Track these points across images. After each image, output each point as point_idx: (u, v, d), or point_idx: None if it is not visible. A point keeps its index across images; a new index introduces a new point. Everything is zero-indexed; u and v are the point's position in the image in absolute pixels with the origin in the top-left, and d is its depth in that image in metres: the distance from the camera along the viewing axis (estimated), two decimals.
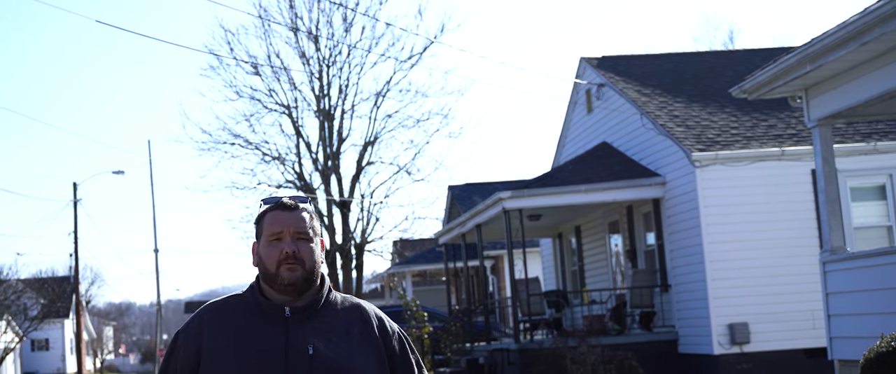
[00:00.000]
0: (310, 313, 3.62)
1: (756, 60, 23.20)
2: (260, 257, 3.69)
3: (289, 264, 3.58)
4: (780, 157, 19.71)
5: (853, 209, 18.68)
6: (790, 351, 19.12)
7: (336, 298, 3.74)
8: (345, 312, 3.70)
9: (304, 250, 3.62)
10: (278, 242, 3.63)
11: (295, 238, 3.62)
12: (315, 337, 3.56)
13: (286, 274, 3.58)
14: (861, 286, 12.63)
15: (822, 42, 12.08)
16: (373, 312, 3.78)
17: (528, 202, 22.02)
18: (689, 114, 21.73)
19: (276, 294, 3.64)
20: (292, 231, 3.62)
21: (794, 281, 19.10)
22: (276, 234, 3.63)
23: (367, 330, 3.67)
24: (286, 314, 3.59)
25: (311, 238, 3.67)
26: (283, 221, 3.65)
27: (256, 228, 3.76)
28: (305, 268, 3.60)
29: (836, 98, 12.89)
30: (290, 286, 3.58)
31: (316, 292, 3.67)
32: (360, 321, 3.70)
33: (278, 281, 3.59)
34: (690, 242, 20.03)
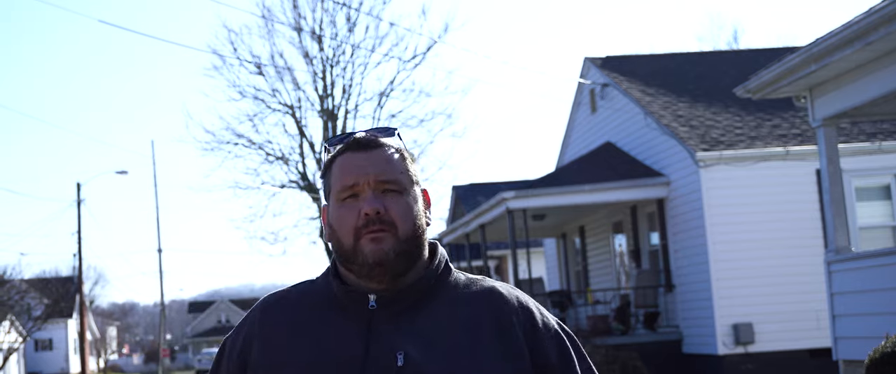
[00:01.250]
0: (408, 303, 2.52)
1: (760, 60, 23.16)
2: (331, 227, 2.57)
3: (372, 231, 2.47)
4: (784, 157, 19.68)
5: (858, 209, 18.64)
6: (795, 351, 19.09)
7: (456, 279, 2.62)
8: (468, 301, 2.56)
9: (396, 208, 2.50)
10: (354, 199, 2.52)
11: (379, 191, 2.51)
12: (412, 340, 2.46)
13: (370, 247, 2.47)
14: (866, 286, 12.60)
15: (827, 42, 12.06)
16: (516, 300, 2.59)
17: (531, 202, 21.99)
18: (694, 114, 21.70)
19: (358, 279, 2.54)
20: (374, 180, 2.51)
21: (798, 281, 19.06)
22: (349, 188, 2.53)
23: (504, 329, 2.51)
24: (370, 305, 2.51)
25: (404, 188, 2.54)
26: (360, 167, 2.53)
27: (324, 184, 2.66)
28: (399, 235, 2.49)
29: (840, 98, 12.86)
30: (378, 266, 2.47)
31: (420, 273, 2.56)
32: (492, 314, 2.53)
33: (359, 259, 2.49)
34: (695, 242, 20.00)
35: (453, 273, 2.63)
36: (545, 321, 2.58)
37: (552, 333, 2.57)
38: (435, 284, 2.57)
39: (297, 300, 2.65)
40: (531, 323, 2.55)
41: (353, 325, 2.51)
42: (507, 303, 2.57)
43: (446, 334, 2.48)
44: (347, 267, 2.56)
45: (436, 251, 2.64)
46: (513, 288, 2.65)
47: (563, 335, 2.59)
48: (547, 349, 2.53)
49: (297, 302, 2.65)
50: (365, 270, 2.49)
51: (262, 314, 2.66)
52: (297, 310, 2.62)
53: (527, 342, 2.51)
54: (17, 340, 53.62)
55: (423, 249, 2.58)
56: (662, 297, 21.68)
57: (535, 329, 2.54)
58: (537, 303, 2.63)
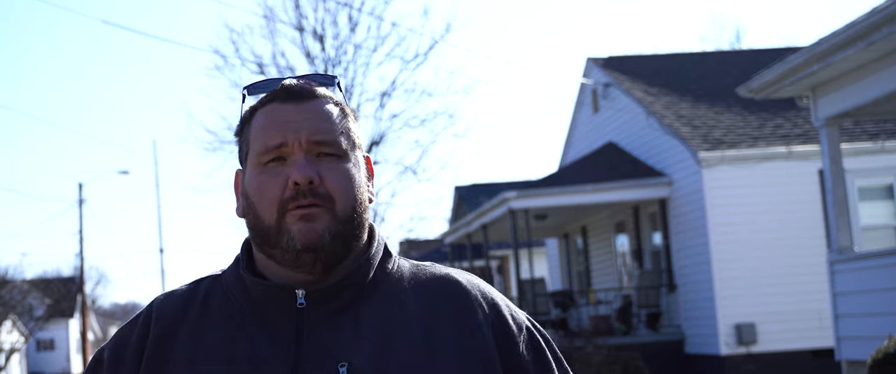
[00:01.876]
0: (348, 298, 2.00)
1: (763, 60, 23.14)
2: (246, 198, 2.02)
3: (302, 206, 1.94)
4: (787, 156, 19.66)
5: (861, 209, 18.63)
6: (797, 352, 19.07)
7: (400, 267, 2.11)
8: (420, 294, 2.05)
9: (334, 177, 1.98)
10: (280, 164, 1.98)
11: (313, 154, 1.98)
12: (357, 347, 1.94)
13: (298, 227, 1.93)
14: (868, 286, 12.59)
15: (830, 41, 12.06)
16: (479, 292, 2.09)
17: (534, 202, 21.98)
18: (696, 113, 21.69)
19: (280, 269, 2.01)
20: (306, 140, 1.97)
21: (801, 281, 19.04)
22: (274, 149, 1.98)
23: (467, 328, 2.01)
24: (298, 303, 1.97)
25: (344, 152, 2.01)
26: (289, 122, 1.99)
27: (239, 143, 2.10)
28: (336, 212, 1.96)
29: (843, 98, 12.85)
30: (307, 252, 1.94)
31: (357, 261, 2.04)
32: (452, 309, 2.03)
33: (283, 241, 1.95)
34: (697, 242, 19.98)
35: (394, 259, 2.12)
36: (515, 317, 2.09)
37: (524, 332, 2.08)
38: (377, 274, 2.06)
39: (200, 304, 2.06)
40: (499, 320, 2.05)
41: (276, 332, 1.97)
42: (468, 295, 2.06)
43: (398, 336, 1.97)
44: (266, 253, 2.01)
45: (373, 235, 2.11)
46: (471, 276, 2.15)
47: (536, 333, 2.11)
48: (520, 353, 2.04)
49: (199, 306, 2.06)
50: (290, 256, 1.95)
51: (153, 324, 2.05)
52: (200, 318, 2.03)
53: (496, 343, 2.01)
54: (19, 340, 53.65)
55: (364, 231, 2.05)
56: (664, 297, 21.67)
57: (506, 328, 2.05)
58: (502, 295, 2.15)
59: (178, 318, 2.05)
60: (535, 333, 2.11)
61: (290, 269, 2.00)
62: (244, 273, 2.05)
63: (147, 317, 2.08)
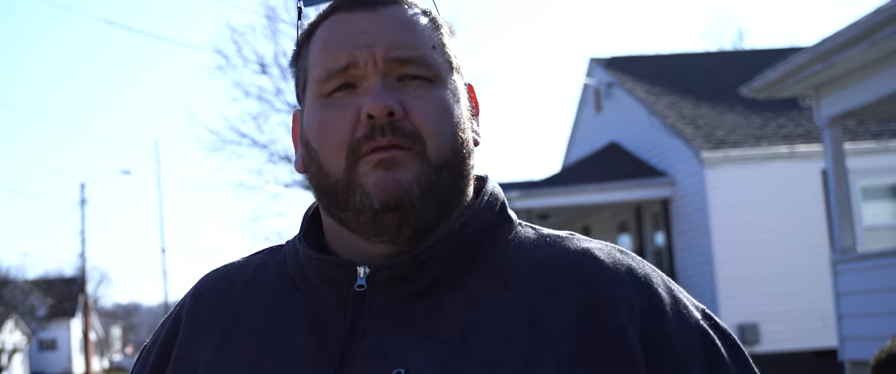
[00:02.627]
0: (427, 279, 1.48)
1: (765, 60, 23.11)
2: (307, 145, 1.55)
3: (381, 148, 1.46)
4: (789, 156, 19.63)
5: (864, 209, 18.59)
6: (800, 352, 19.04)
7: (518, 237, 1.56)
8: (537, 273, 1.49)
9: (425, 107, 1.49)
10: (349, 93, 1.51)
11: (393, 77, 1.50)
12: (418, 344, 1.43)
13: (376, 177, 1.46)
14: (872, 287, 12.56)
15: (833, 41, 12.03)
16: (627, 273, 1.50)
17: (536, 202, 21.96)
18: (698, 113, 21.67)
19: (356, 239, 1.52)
20: (384, 57, 1.49)
21: (804, 281, 19.01)
22: (339, 72, 1.51)
23: (603, 326, 1.42)
24: (357, 285, 1.49)
25: (438, 75, 1.53)
26: (359, 34, 1.51)
27: (295, 77, 1.63)
28: (428, 155, 1.47)
29: (846, 97, 12.82)
30: (389, 212, 1.46)
31: (454, 226, 1.51)
32: (577, 295, 1.45)
33: (356, 198, 1.47)
34: (699, 242, 19.95)
35: (513, 226, 1.57)
36: (682, 312, 1.49)
37: (696, 337, 1.48)
38: (480, 245, 1.52)
39: (246, 281, 1.63)
40: (654, 315, 1.46)
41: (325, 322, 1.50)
42: (612, 279, 1.48)
43: (485, 332, 1.43)
44: (336, 217, 1.54)
45: (483, 190, 1.59)
46: (622, 252, 1.56)
47: (715, 339, 1.50)
48: (685, 363, 1.44)
49: (245, 285, 1.62)
50: (365, 219, 1.47)
51: (193, 301, 1.65)
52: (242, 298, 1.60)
53: (644, 349, 1.42)
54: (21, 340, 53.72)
55: (468, 183, 1.55)
56: None
57: (662, 328, 1.45)
58: (669, 280, 1.56)
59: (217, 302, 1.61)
60: (714, 337, 1.50)
61: (369, 237, 1.50)
62: (300, 244, 1.59)
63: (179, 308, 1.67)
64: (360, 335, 1.46)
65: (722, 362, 1.48)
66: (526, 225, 1.60)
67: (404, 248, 1.49)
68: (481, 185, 1.62)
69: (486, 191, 1.58)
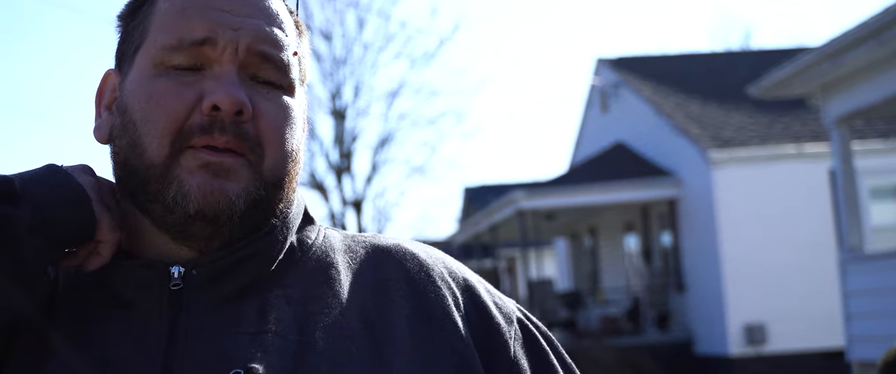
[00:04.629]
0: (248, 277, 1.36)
1: (772, 59, 23.09)
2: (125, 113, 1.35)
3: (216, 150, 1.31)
4: (797, 156, 19.60)
5: (871, 209, 18.55)
6: (808, 352, 19.01)
7: (329, 241, 1.47)
8: (358, 272, 1.42)
9: (273, 115, 1.35)
10: (194, 74, 1.33)
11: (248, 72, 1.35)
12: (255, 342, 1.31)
13: (200, 182, 1.30)
14: (879, 286, 12.52)
15: (841, 41, 12.01)
16: (445, 269, 1.46)
17: (542, 202, 21.96)
18: (705, 113, 21.64)
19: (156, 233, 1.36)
20: (246, 46, 1.34)
21: (811, 281, 18.98)
22: (193, 43, 1.33)
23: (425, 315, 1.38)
24: (173, 284, 1.33)
25: (291, 85, 1.40)
26: (225, 10, 1.34)
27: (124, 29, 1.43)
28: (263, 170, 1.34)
29: (854, 97, 12.79)
30: (203, 223, 1.31)
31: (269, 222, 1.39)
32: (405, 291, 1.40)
33: (170, 194, 1.30)
34: (706, 241, 19.92)
35: (318, 228, 1.48)
36: (500, 305, 1.46)
37: (516, 326, 1.46)
38: (292, 244, 1.43)
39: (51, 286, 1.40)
40: (478, 309, 1.43)
41: (142, 326, 1.33)
42: (430, 272, 1.43)
43: (325, 328, 1.34)
44: (139, 204, 1.35)
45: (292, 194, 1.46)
46: (432, 249, 1.51)
47: (532, 328, 1.48)
48: (512, 356, 1.42)
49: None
50: (175, 220, 1.31)
51: None
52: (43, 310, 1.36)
53: (475, 340, 1.39)
54: None
55: (289, 204, 1.42)
56: (673, 297, 21.62)
57: (488, 320, 1.42)
58: (480, 278, 1.51)
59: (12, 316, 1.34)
60: (532, 327, 1.48)
61: (174, 238, 1.34)
62: None
63: None
64: (181, 337, 1.30)
65: (539, 345, 1.47)
66: (329, 227, 1.51)
67: (206, 246, 1.36)
68: None
69: (297, 198, 1.47)
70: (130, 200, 1.36)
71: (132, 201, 1.36)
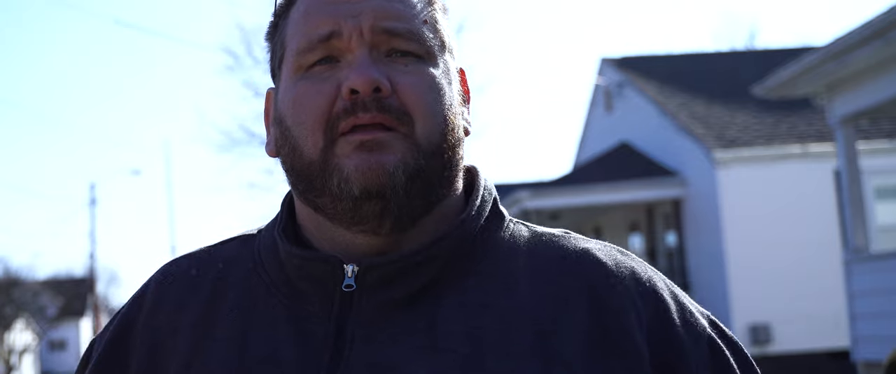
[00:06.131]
0: (422, 281, 1.35)
1: (777, 59, 23.06)
2: (280, 123, 1.41)
3: (364, 127, 1.33)
4: (802, 156, 19.57)
5: (877, 209, 18.52)
6: (813, 352, 18.98)
7: (516, 238, 1.43)
8: (539, 277, 1.37)
9: (415, 85, 1.36)
10: (329, 67, 1.37)
11: (380, 50, 1.37)
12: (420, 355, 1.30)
13: (357, 159, 1.32)
14: (885, 286, 12.51)
15: (846, 40, 11.99)
16: (631, 276, 1.39)
17: (547, 202, 21.94)
18: (710, 113, 21.62)
19: (335, 229, 1.38)
20: (370, 28, 1.36)
21: (816, 281, 18.94)
22: (321, 42, 1.37)
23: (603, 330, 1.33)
24: (345, 285, 1.35)
25: (429, 52, 1.39)
26: (344, 1, 1.38)
27: (270, 48, 1.50)
28: (417, 138, 1.34)
29: (859, 97, 12.77)
30: (370, 199, 1.32)
31: (446, 221, 1.40)
32: (586, 302, 1.35)
33: (332, 183, 1.33)
34: (711, 241, 19.90)
35: (506, 223, 1.45)
36: (689, 320, 1.38)
37: (705, 347, 1.37)
38: (475, 243, 1.39)
39: (215, 277, 1.46)
40: (662, 324, 1.36)
41: (309, 327, 1.35)
42: (618, 285, 1.37)
43: (496, 343, 1.30)
44: (312, 204, 1.39)
45: (473, 184, 1.47)
46: (623, 254, 1.44)
47: (723, 348, 1.39)
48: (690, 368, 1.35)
49: (214, 280, 1.46)
50: (344, 207, 1.33)
51: (155, 299, 1.47)
52: (212, 298, 1.44)
53: (653, 360, 1.32)
54: (31, 340, 53.83)
55: (457, 174, 1.41)
56: None
57: (671, 338, 1.35)
58: (673, 284, 1.44)
59: (182, 302, 1.44)
60: (722, 346, 1.39)
61: (347, 226, 1.36)
62: (278, 237, 1.42)
63: (135, 307, 1.49)
64: (349, 341, 1.32)
65: (731, 371, 1.39)
66: (517, 222, 1.47)
67: (387, 239, 1.36)
68: (471, 177, 1.49)
69: (479, 185, 1.46)
70: (303, 199, 1.41)
71: (304, 200, 1.41)
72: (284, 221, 1.45)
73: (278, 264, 1.42)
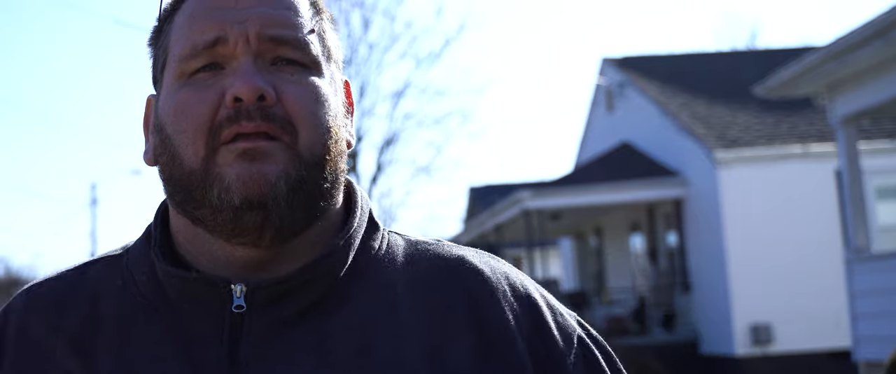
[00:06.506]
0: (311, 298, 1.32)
1: (778, 59, 23.06)
2: (161, 131, 1.36)
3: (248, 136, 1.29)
4: (803, 156, 19.57)
5: (878, 209, 18.51)
6: (814, 352, 18.97)
7: (393, 249, 1.42)
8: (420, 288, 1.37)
9: (299, 94, 1.33)
10: (213, 75, 1.33)
11: (266, 58, 1.33)
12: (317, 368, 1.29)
13: (239, 171, 1.28)
14: (886, 286, 12.50)
15: (847, 40, 11.99)
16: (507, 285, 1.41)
17: (548, 202, 21.94)
18: (711, 113, 21.61)
19: (214, 244, 1.34)
20: (257, 34, 1.32)
21: (817, 281, 18.94)
22: (205, 49, 1.33)
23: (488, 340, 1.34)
24: (234, 306, 1.30)
25: (315, 61, 1.36)
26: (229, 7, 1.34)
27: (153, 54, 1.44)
28: (299, 149, 1.31)
29: (860, 96, 12.76)
30: (251, 212, 1.27)
31: (327, 235, 1.37)
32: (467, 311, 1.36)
33: (213, 194, 1.28)
34: (713, 241, 19.90)
35: (382, 234, 1.44)
36: (561, 323, 1.41)
37: (576, 347, 1.40)
38: (357, 258, 1.38)
39: (89, 297, 1.38)
40: (539, 329, 1.38)
41: (199, 352, 1.29)
42: (494, 290, 1.38)
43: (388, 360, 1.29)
44: (190, 216, 1.33)
45: (352, 197, 1.45)
46: (495, 259, 1.46)
47: (593, 347, 1.42)
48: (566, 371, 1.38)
49: (89, 301, 1.37)
50: (224, 218, 1.28)
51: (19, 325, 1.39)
52: (89, 319, 1.35)
53: (533, 362, 1.34)
54: None
55: (338, 187, 1.38)
56: (679, 297, 21.59)
57: (548, 341, 1.37)
58: (540, 287, 1.46)
59: (54, 329, 1.35)
60: (592, 346, 1.42)
61: (227, 239, 1.31)
62: (155, 255, 1.34)
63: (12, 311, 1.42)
64: (243, 364, 1.28)
65: (600, 368, 1.41)
66: (392, 231, 1.47)
67: (267, 252, 1.32)
68: (349, 190, 1.45)
69: (357, 197, 1.44)
70: (181, 210, 1.35)
71: (183, 211, 1.35)
72: (159, 238, 1.38)
73: (155, 285, 1.35)
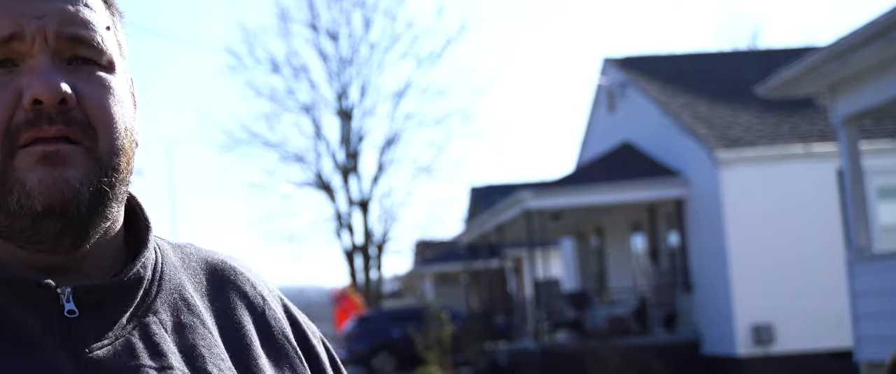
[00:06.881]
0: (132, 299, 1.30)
1: (780, 59, 23.05)
2: None
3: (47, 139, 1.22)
4: (804, 156, 19.56)
5: (879, 208, 18.50)
6: (815, 352, 18.96)
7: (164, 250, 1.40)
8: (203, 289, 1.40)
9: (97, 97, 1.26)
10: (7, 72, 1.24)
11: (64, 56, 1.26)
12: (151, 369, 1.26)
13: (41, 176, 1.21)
14: (888, 286, 12.49)
15: (849, 40, 11.99)
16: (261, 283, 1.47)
17: (549, 202, 21.94)
18: (713, 113, 21.60)
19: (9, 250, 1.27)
20: (56, 32, 1.25)
21: (819, 281, 18.92)
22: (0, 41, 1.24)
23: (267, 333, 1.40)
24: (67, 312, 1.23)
25: (111, 62, 1.31)
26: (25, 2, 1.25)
27: None
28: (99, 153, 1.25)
29: (862, 96, 12.75)
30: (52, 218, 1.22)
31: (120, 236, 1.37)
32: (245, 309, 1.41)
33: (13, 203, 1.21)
34: (714, 241, 19.89)
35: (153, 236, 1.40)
36: (306, 322, 1.50)
37: (318, 336, 1.49)
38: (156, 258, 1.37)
39: None
40: (292, 322, 1.45)
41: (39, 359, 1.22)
42: (258, 290, 1.44)
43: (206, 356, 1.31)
44: None
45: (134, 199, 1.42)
46: (248, 263, 1.52)
47: (318, 331, 1.51)
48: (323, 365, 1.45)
49: None
50: (23, 224, 1.23)
51: None
52: None
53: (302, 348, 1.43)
54: None
55: (126, 191, 1.34)
56: (681, 297, 21.59)
57: (303, 332, 1.45)
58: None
59: None
60: (317, 330, 1.51)
61: (21, 245, 1.26)
62: None
63: None
64: (83, 368, 1.22)
65: (328, 347, 1.49)
66: (155, 235, 1.42)
67: (66, 257, 1.26)
68: (132, 198, 1.41)
69: (137, 201, 1.40)
70: None
71: None
72: None
73: None
